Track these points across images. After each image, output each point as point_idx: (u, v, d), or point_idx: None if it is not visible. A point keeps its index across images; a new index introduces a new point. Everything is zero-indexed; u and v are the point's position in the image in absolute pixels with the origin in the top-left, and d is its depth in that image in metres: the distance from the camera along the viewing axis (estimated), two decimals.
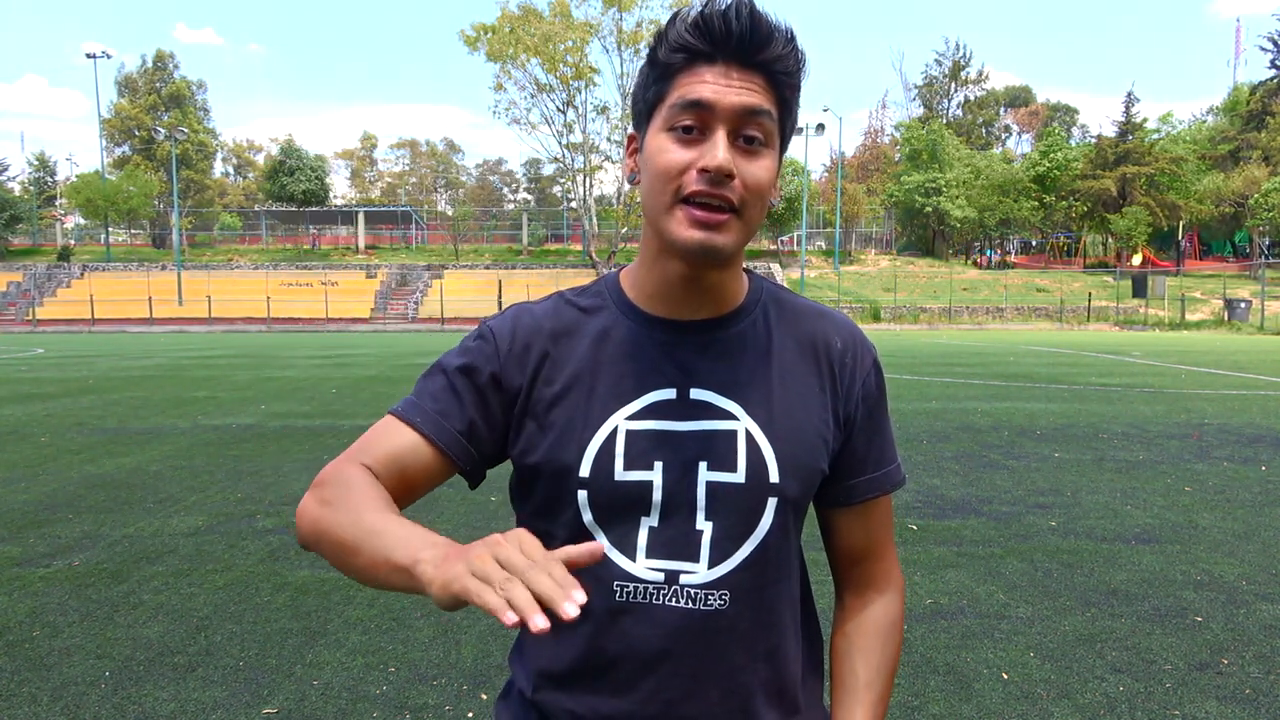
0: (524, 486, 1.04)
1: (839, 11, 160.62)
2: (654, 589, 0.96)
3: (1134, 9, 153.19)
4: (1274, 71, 54.29)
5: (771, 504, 0.98)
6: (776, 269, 46.63)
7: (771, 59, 0.92)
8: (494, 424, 1.01)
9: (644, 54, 0.99)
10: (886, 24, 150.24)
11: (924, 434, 8.28)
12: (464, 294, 42.68)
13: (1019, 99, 76.49)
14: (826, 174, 68.83)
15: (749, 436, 0.98)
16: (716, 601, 0.97)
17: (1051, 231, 56.51)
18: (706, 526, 0.97)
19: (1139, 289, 42.82)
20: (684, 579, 0.97)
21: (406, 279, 47.06)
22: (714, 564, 0.97)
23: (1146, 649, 3.32)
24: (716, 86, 0.91)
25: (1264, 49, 54.73)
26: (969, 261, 54.66)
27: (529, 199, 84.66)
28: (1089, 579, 4.14)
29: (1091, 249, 56.00)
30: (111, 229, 56.34)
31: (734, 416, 0.99)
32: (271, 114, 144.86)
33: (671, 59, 0.93)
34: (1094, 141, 56.70)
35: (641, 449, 0.97)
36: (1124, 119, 53.05)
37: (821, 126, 42.78)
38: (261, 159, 76.39)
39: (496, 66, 44.26)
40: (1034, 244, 58.87)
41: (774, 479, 0.98)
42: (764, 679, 1.01)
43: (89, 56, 49.61)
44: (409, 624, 3.56)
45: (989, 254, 55.60)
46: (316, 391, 12.20)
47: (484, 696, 2.94)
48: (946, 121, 65.65)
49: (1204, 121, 61.58)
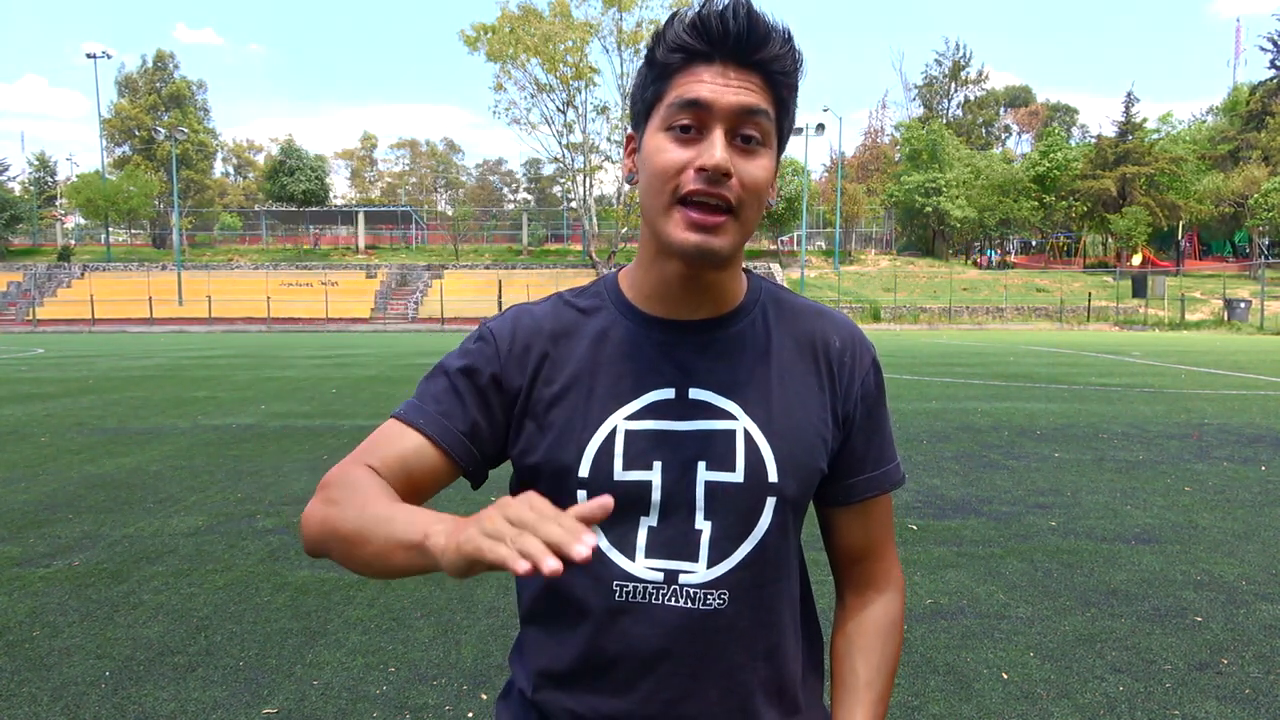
0: (523, 486, 1.03)
1: (839, 11, 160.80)
2: (653, 588, 0.97)
3: (1134, 9, 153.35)
4: (1274, 71, 54.31)
5: (770, 503, 0.98)
6: (776, 269, 46.63)
7: (769, 59, 0.92)
8: (495, 424, 1.01)
9: (644, 54, 0.99)
10: (886, 24, 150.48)
11: (924, 434, 8.28)
12: (464, 294, 42.69)
13: (1019, 99, 76.50)
14: (826, 174, 68.89)
15: (748, 436, 0.99)
16: (716, 601, 0.97)
17: (1051, 231, 56.52)
18: (705, 526, 0.97)
19: (1139, 289, 42.82)
20: (683, 578, 0.97)
21: (406, 279, 47.07)
22: (713, 563, 0.97)
23: (1146, 649, 3.33)
24: (714, 86, 0.91)
25: (1264, 49, 54.79)
26: (969, 261, 54.65)
27: (529, 199, 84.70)
28: (1089, 579, 4.14)
29: (1091, 249, 56.01)
30: (111, 229, 56.35)
31: (733, 416, 0.99)
32: (271, 114, 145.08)
33: (669, 59, 0.94)
34: (1094, 141, 56.71)
35: (640, 449, 0.97)
36: (1124, 119, 53.08)
37: (821, 126, 42.78)
38: (261, 159, 76.43)
39: (496, 66, 44.32)
40: (1034, 244, 58.88)
41: (773, 478, 0.98)
42: (763, 678, 1.01)
43: (89, 56, 49.67)
44: (409, 624, 3.56)
45: (990, 254, 55.60)
46: (316, 391, 12.20)
47: (484, 696, 2.94)
48: (946, 121, 65.65)
49: (1204, 121, 61.59)
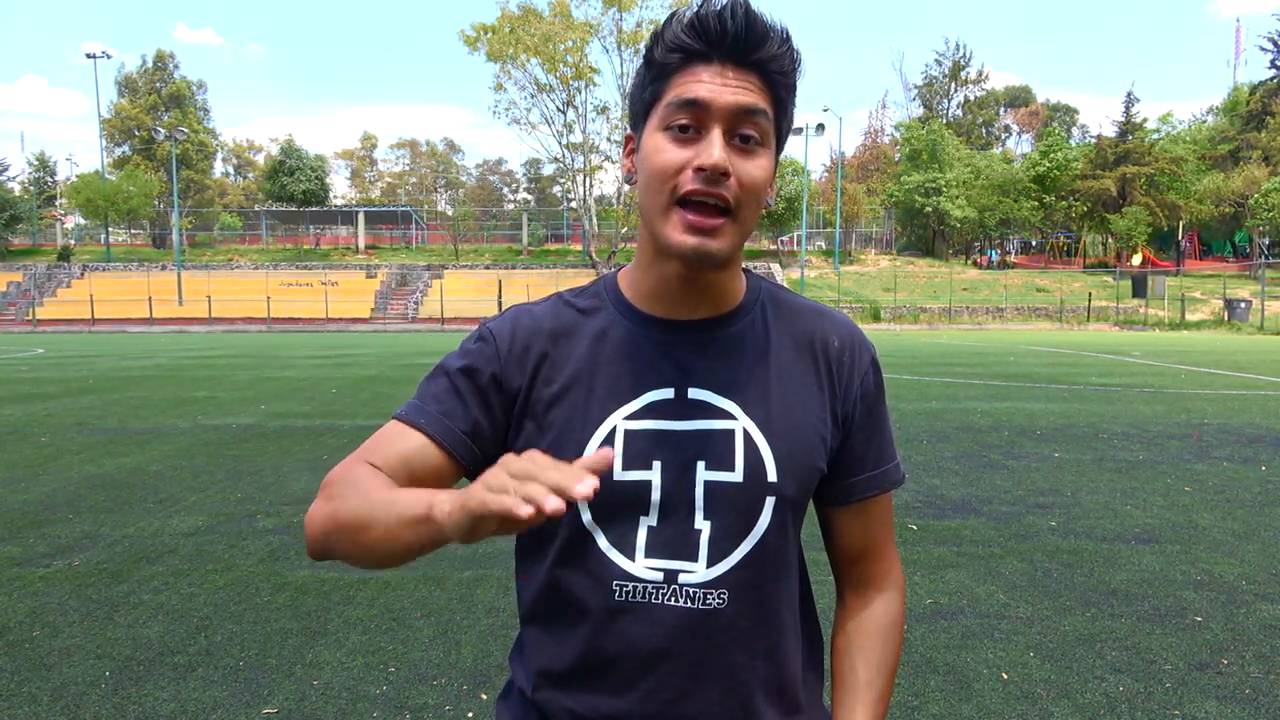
0: None
1: (839, 11, 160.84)
2: (653, 588, 0.97)
3: (1134, 9, 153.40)
4: (1274, 71, 54.32)
5: (769, 503, 0.99)
6: (776, 269, 46.63)
7: (767, 58, 0.93)
8: (496, 424, 1.02)
9: (642, 55, 0.99)
10: (886, 24, 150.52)
11: (924, 434, 8.28)
12: (464, 294, 42.70)
13: (1019, 99, 76.50)
14: (826, 174, 68.87)
15: (747, 436, 0.99)
16: (715, 600, 0.97)
17: (1051, 231, 56.52)
18: (705, 526, 0.97)
19: (1139, 289, 42.82)
20: (683, 578, 0.97)
21: (406, 279, 47.08)
22: (712, 563, 0.97)
23: (1146, 649, 3.33)
24: (712, 86, 0.92)
25: (1264, 49, 54.80)
26: (969, 261, 54.65)
27: (529, 199, 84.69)
28: (1089, 579, 4.14)
29: (1091, 249, 56.01)
30: (111, 229, 56.35)
31: (732, 416, 0.99)
32: (271, 114, 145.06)
33: (667, 59, 0.94)
34: (1094, 141, 56.71)
35: (640, 449, 0.98)
36: (1124, 119, 53.06)
37: (821, 126, 42.76)
38: (261, 159, 76.44)
39: (496, 66, 44.33)
40: (1034, 244, 58.89)
41: (772, 478, 0.98)
42: (763, 677, 1.01)
43: (89, 56, 49.67)
44: (409, 624, 3.56)
45: (990, 254, 55.58)
46: (316, 391, 12.20)
47: (484, 696, 2.94)
48: (946, 121, 65.65)
49: (1204, 121, 61.58)
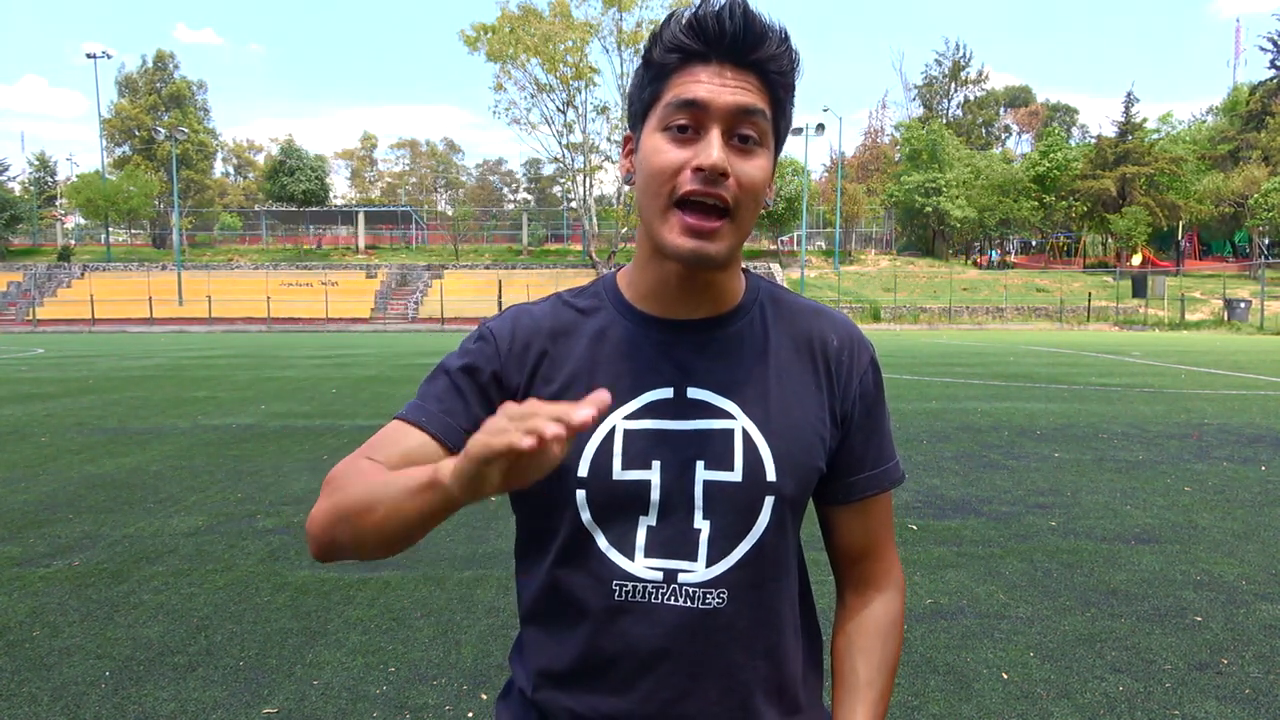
0: None
1: (839, 11, 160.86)
2: (653, 588, 0.97)
3: (1134, 9, 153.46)
4: (1274, 71, 54.31)
5: (768, 502, 0.99)
6: (776, 269, 46.63)
7: (765, 58, 0.93)
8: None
9: (641, 55, 0.99)
10: (886, 24, 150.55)
11: (924, 434, 8.28)
12: (464, 294, 42.69)
13: (1019, 99, 76.49)
14: (826, 174, 68.87)
15: (746, 435, 0.99)
16: (715, 600, 0.97)
17: (1051, 231, 56.52)
18: (704, 525, 0.97)
19: (1139, 289, 42.82)
20: (682, 577, 0.97)
21: (406, 279, 47.08)
22: (712, 562, 0.97)
23: (1146, 649, 3.33)
24: (711, 86, 0.92)
25: (1264, 49, 54.80)
26: (969, 261, 54.65)
27: (529, 199, 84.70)
28: (1089, 579, 4.14)
29: (1091, 249, 56.01)
30: (112, 229, 56.35)
31: (731, 415, 0.99)
32: (271, 114, 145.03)
33: (666, 59, 0.94)
34: (1094, 141, 56.70)
35: (639, 448, 0.98)
36: (1124, 119, 53.05)
37: (821, 126, 42.75)
38: (261, 159, 76.43)
39: (496, 66, 44.33)
40: (1034, 244, 58.88)
41: (771, 477, 0.98)
42: (763, 677, 1.01)
43: (89, 56, 49.67)
44: (409, 624, 3.56)
45: (991, 254, 55.55)
46: (316, 391, 12.20)
47: (484, 696, 2.94)
48: (946, 121, 65.66)
49: (1204, 121, 61.58)
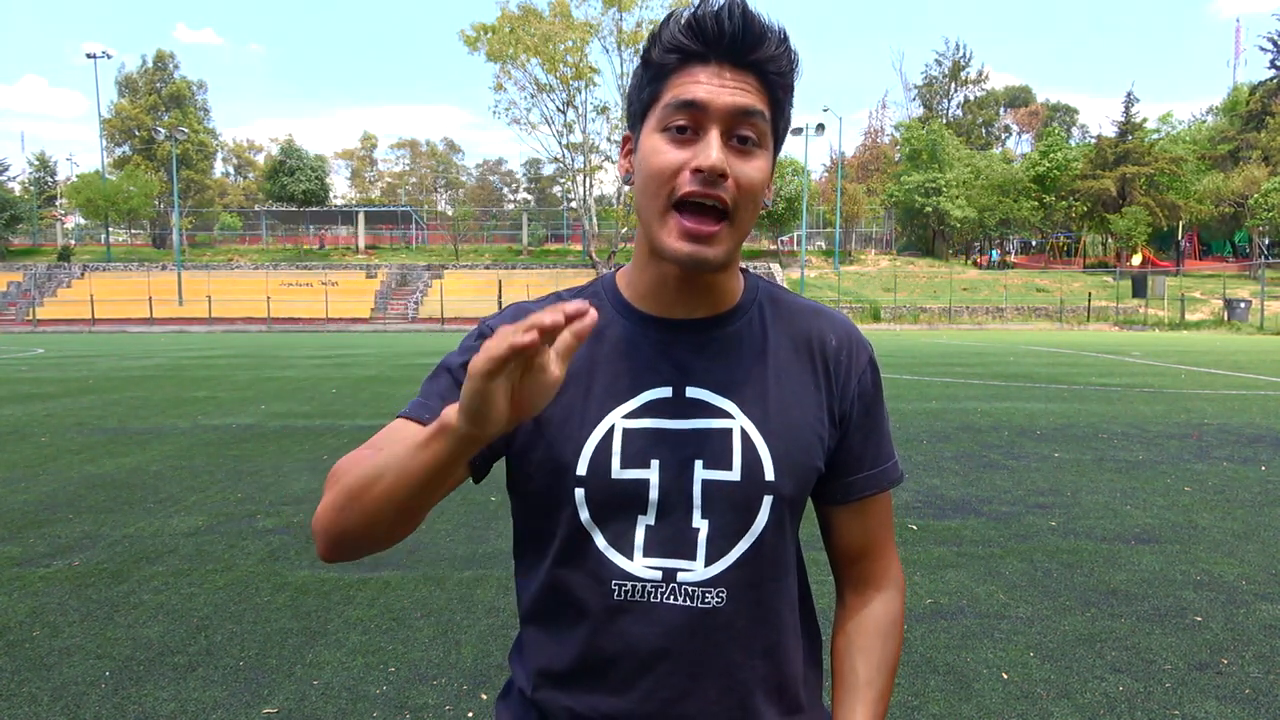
0: (521, 484, 1.04)
1: (839, 11, 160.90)
2: (652, 587, 0.97)
3: (1134, 9, 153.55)
4: (1274, 71, 54.30)
5: (767, 502, 0.99)
6: (776, 269, 46.62)
7: (764, 59, 0.93)
8: None
9: (640, 55, 0.99)
10: (886, 24, 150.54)
11: (924, 434, 8.28)
12: (464, 294, 42.69)
13: (1019, 99, 76.49)
14: (826, 174, 68.86)
15: (744, 435, 0.99)
16: (714, 599, 0.97)
17: (1051, 231, 56.51)
18: (703, 524, 0.97)
19: (1139, 289, 42.81)
20: (681, 576, 0.97)
21: (406, 279, 47.07)
22: (710, 561, 0.97)
23: (1146, 649, 3.33)
24: (710, 87, 0.92)
25: (1264, 49, 54.79)
26: (969, 261, 54.64)
27: (529, 199, 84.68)
28: (1089, 579, 4.14)
29: (1091, 249, 56.00)
30: (112, 229, 56.34)
31: (729, 415, 0.99)
32: (271, 114, 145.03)
33: (665, 59, 0.94)
34: (1094, 141, 56.69)
35: (638, 447, 0.98)
36: (1124, 119, 53.04)
37: (821, 126, 42.75)
38: (261, 159, 76.43)
39: (496, 66, 44.33)
40: (1034, 244, 58.87)
41: (769, 477, 0.98)
42: (762, 676, 1.01)
43: (89, 56, 49.66)
44: (409, 624, 3.56)
45: (991, 254, 55.51)
46: (316, 391, 12.20)
47: (484, 696, 2.94)
48: (946, 121, 65.66)
49: (1204, 121, 61.58)
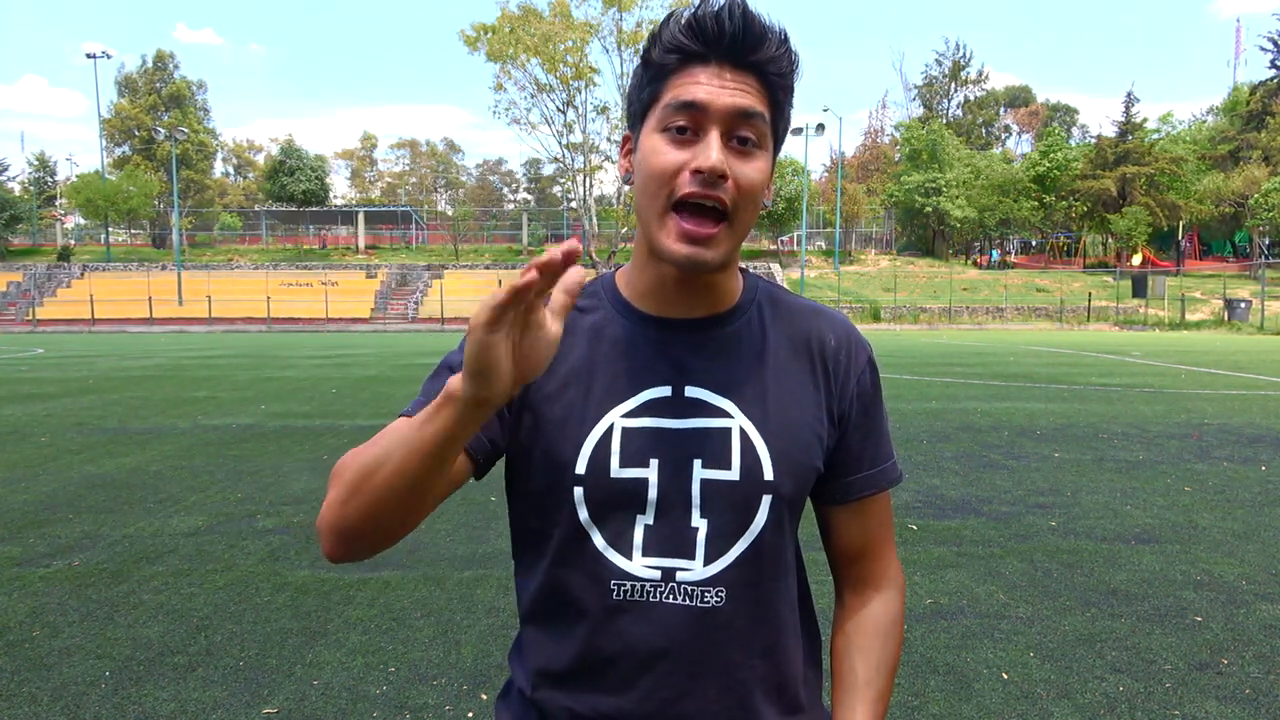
0: (520, 483, 1.04)
1: (839, 11, 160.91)
2: (651, 586, 0.97)
3: (1134, 9, 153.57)
4: (1274, 71, 54.29)
5: (766, 501, 0.99)
6: (776, 269, 46.62)
7: (764, 60, 0.93)
8: (502, 415, 1.01)
9: (640, 55, 0.99)
10: (886, 24, 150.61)
11: (924, 434, 8.28)
12: (464, 294, 42.66)
13: (1019, 99, 76.49)
14: (826, 174, 68.87)
15: (743, 434, 0.99)
16: (713, 598, 0.97)
17: (1051, 231, 56.49)
18: (701, 524, 0.98)
19: (1139, 289, 42.81)
20: (680, 576, 0.97)
21: (406, 279, 47.07)
22: (709, 561, 0.97)
23: (1146, 649, 3.33)
24: (710, 88, 0.91)
25: (1264, 49, 54.77)
26: (969, 261, 54.63)
27: (529, 199, 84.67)
28: (1089, 579, 4.14)
29: (1091, 249, 55.98)
30: (111, 229, 56.34)
31: (728, 414, 0.99)
32: (271, 114, 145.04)
33: (665, 60, 0.94)
34: (1094, 141, 56.68)
35: (637, 446, 0.98)
36: (1124, 119, 53.04)
37: (821, 126, 42.74)
38: (261, 159, 76.43)
39: (496, 66, 44.31)
40: (1034, 244, 58.86)
41: (768, 476, 0.98)
42: (762, 676, 1.01)
43: (89, 56, 49.65)
44: (409, 624, 3.56)
45: (992, 254, 55.47)
46: (316, 391, 12.20)
47: (484, 696, 2.94)
48: (946, 121, 65.65)
49: (1204, 121, 61.57)
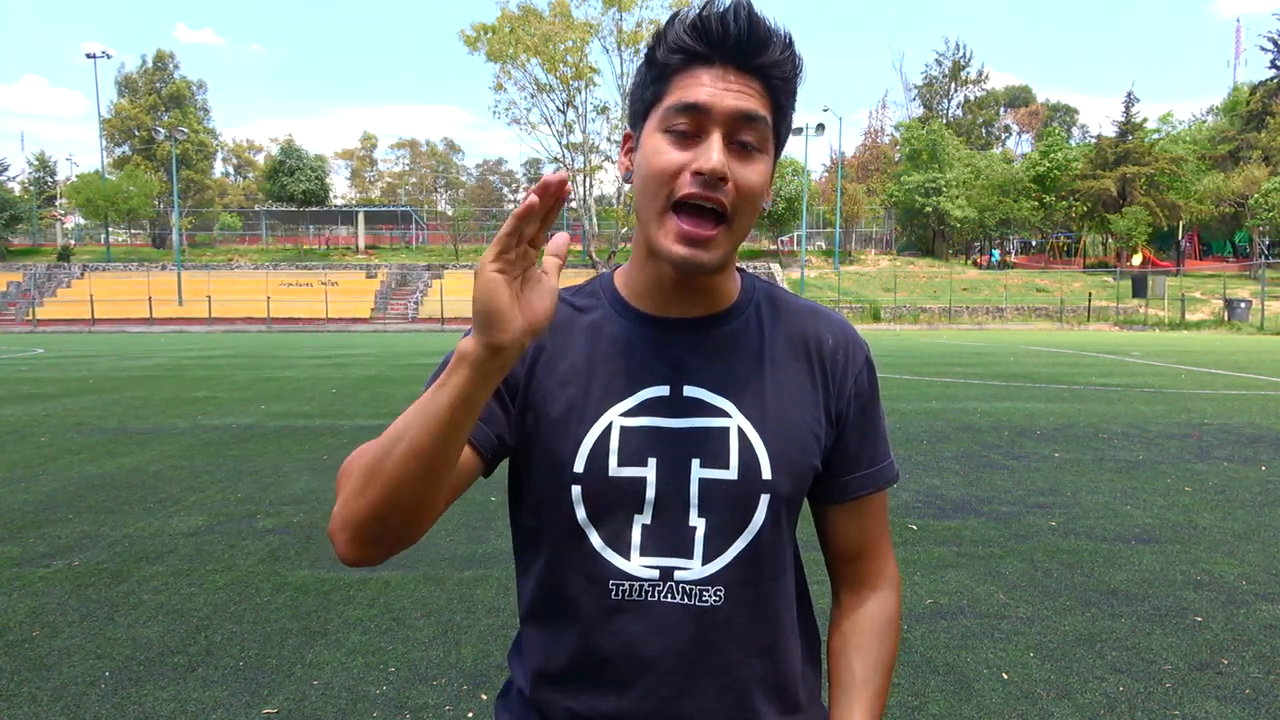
0: (519, 481, 1.04)
1: (839, 11, 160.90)
2: (649, 586, 0.97)
3: (1134, 9, 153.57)
4: (1274, 71, 54.29)
5: (764, 500, 0.99)
6: (776, 269, 46.63)
7: (768, 64, 0.92)
8: (507, 409, 1.01)
9: (644, 53, 0.99)
10: (886, 24, 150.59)
11: (924, 434, 8.28)
12: (464, 294, 42.62)
13: (1019, 99, 76.48)
14: (826, 174, 68.88)
15: (741, 434, 0.99)
16: (712, 598, 0.97)
17: (1051, 231, 56.48)
18: (699, 523, 0.98)
19: (1139, 289, 42.81)
20: (679, 575, 0.97)
21: (406, 279, 47.07)
22: (708, 560, 0.97)
23: (1146, 649, 3.33)
24: (713, 90, 0.91)
25: (1264, 49, 54.77)
26: (969, 261, 54.62)
27: None
28: (1089, 579, 4.14)
29: (1091, 249, 55.97)
30: (111, 229, 56.33)
31: (726, 414, 0.99)
32: (271, 114, 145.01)
33: (669, 60, 0.94)
34: (1094, 141, 56.67)
35: (635, 446, 0.98)
36: (1124, 119, 53.02)
37: (821, 126, 42.74)
38: (261, 159, 76.37)
39: (496, 66, 44.31)
40: (1034, 244, 58.85)
41: (766, 475, 0.98)
42: (760, 675, 1.01)
43: (89, 56, 49.63)
44: (409, 624, 3.56)
45: (992, 255, 55.44)
46: (316, 391, 12.20)
47: (484, 696, 2.94)
48: (946, 121, 65.63)
49: (1204, 121, 61.57)
